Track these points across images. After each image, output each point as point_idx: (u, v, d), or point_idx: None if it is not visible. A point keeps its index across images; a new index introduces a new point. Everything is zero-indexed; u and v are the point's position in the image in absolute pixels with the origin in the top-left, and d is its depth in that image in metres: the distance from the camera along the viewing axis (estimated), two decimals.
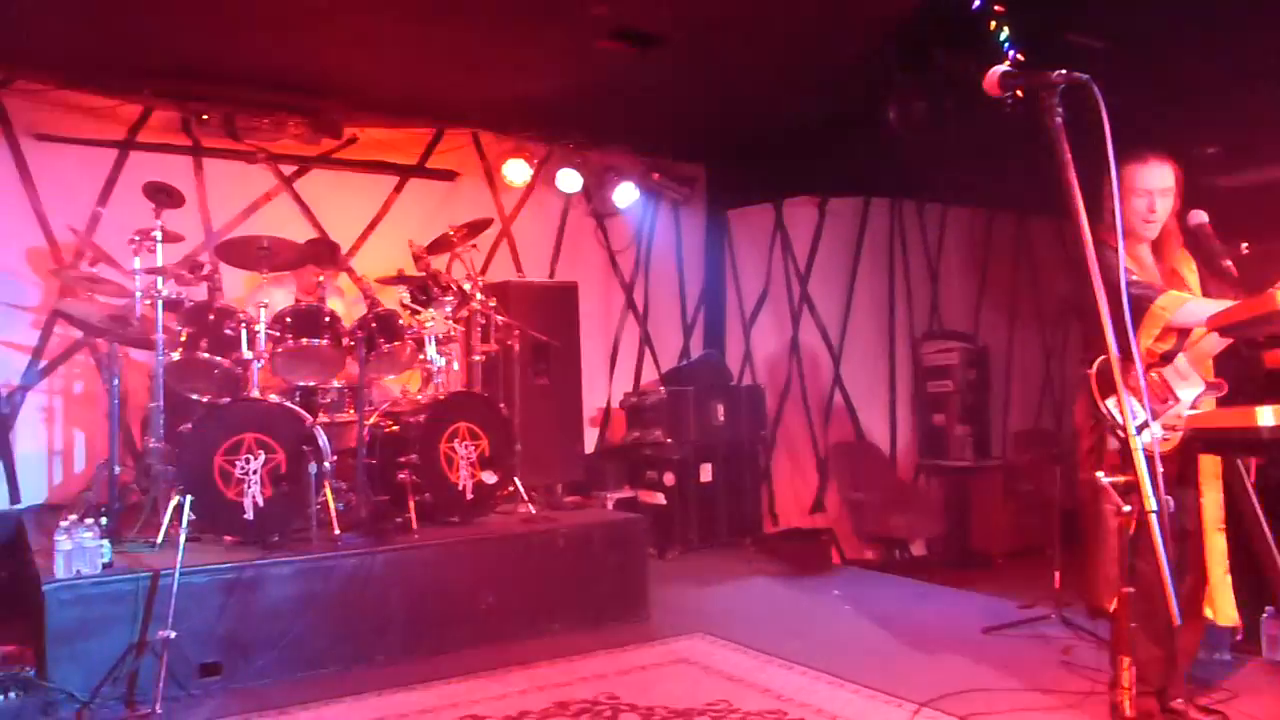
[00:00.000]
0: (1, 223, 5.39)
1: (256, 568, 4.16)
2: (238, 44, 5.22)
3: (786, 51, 5.39)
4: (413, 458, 4.78)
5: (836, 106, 6.14)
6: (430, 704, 3.89)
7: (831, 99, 6.06)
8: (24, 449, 5.55)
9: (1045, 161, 2.04)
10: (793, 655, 4.38)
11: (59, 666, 3.78)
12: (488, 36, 5.17)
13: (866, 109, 5.73)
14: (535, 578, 4.82)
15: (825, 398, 7.18)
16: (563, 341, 6.26)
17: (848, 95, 5.89)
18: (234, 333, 4.69)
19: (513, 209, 7.09)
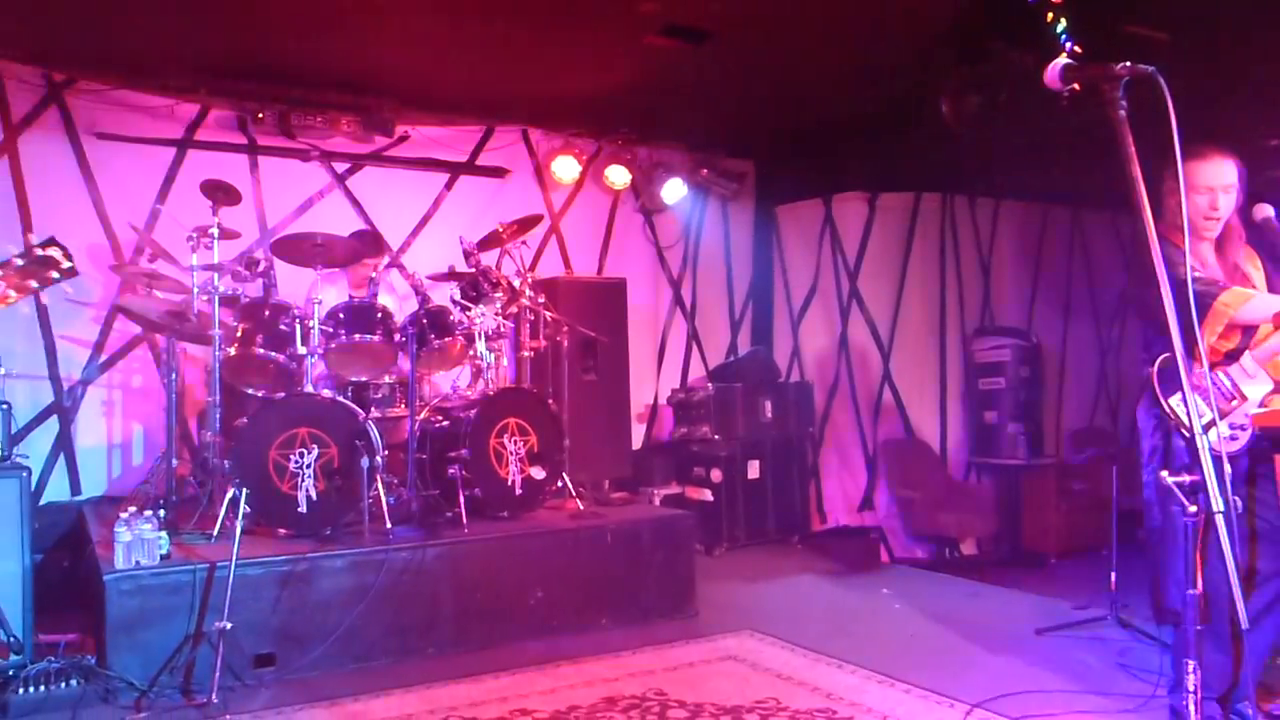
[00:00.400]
0: (64, 220, 5.50)
1: (310, 560, 4.22)
2: (293, 43, 5.29)
3: (837, 46, 5.34)
4: (463, 453, 4.81)
5: (888, 101, 6.07)
6: (479, 697, 3.92)
7: (883, 93, 5.99)
8: (84, 442, 5.68)
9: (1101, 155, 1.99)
10: (842, 654, 4.35)
11: (119, 655, 3.87)
12: (538, 34, 5.18)
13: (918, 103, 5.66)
14: (583, 573, 4.84)
15: (874, 394, 7.10)
16: (611, 337, 6.27)
17: (899, 89, 5.82)
18: (288, 328, 4.76)
19: (562, 205, 7.11)
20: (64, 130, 5.60)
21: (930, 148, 6.28)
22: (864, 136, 6.68)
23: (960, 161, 6.56)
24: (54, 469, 5.57)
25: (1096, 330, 8.02)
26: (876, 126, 6.46)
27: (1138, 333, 3.69)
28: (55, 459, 5.57)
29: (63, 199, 5.54)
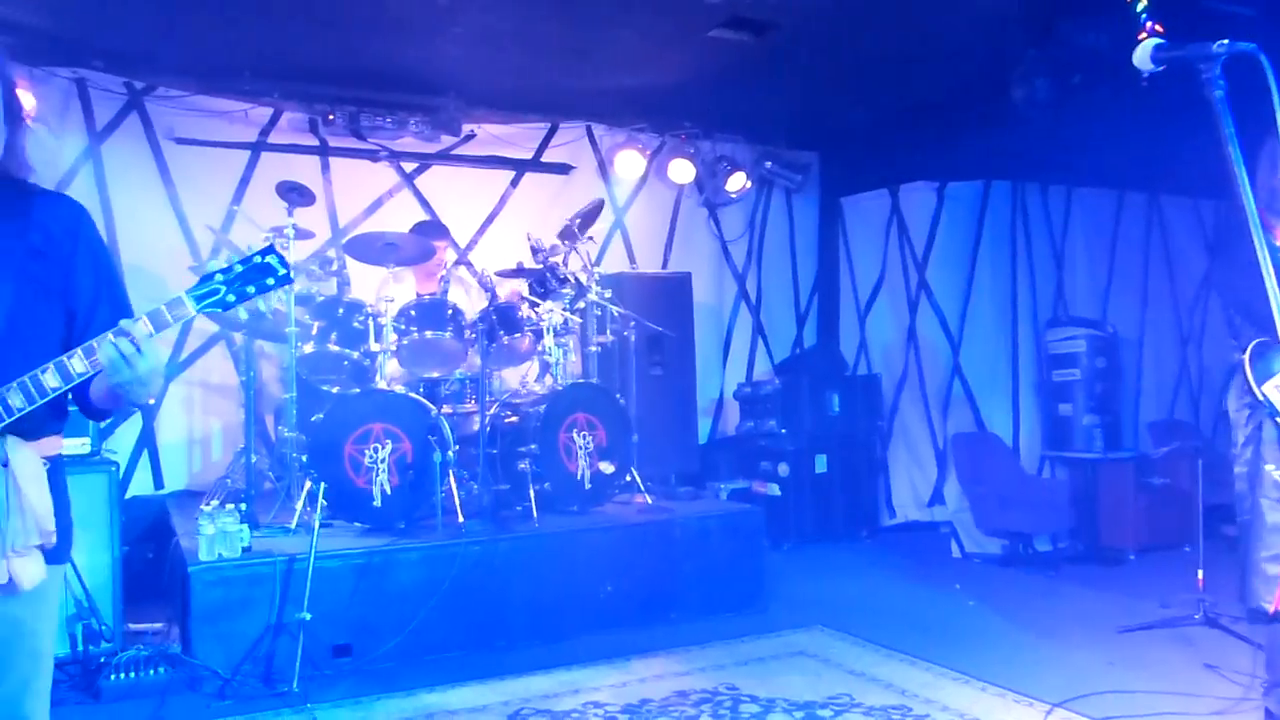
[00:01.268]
0: (145, 222, 5.67)
1: (385, 553, 4.30)
2: (362, 46, 5.37)
3: (903, 32, 5.25)
4: (532, 447, 4.86)
5: (956, 88, 5.97)
6: (552, 689, 3.95)
7: (950, 80, 5.89)
8: (166, 438, 5.85)
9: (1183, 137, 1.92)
10: (915, 650, 4.30)
11: (203, 644, 3.98)
12: (602, 30, 5.19)
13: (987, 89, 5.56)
14: (652, 567, 4.85)
15: (944, 387, 6.99)
16: (676, 332, 6.26)
17: (967, 75, 5.72)
18: (362, 326, 4.85)
19: (626, 201, 7.12)
20: (144, 136, 5.76)
21: (1000, 134, 6.16)
22: (931, 125, 6.57)
23: (1031, 148, 6.41)
24: (138, 464, 5.74)
25: (1176, 318, 7.78)
26: (944, 114, 6.35)
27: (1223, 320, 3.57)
28: (139, 454, 5.74)
29: (143, 202, 5.71)
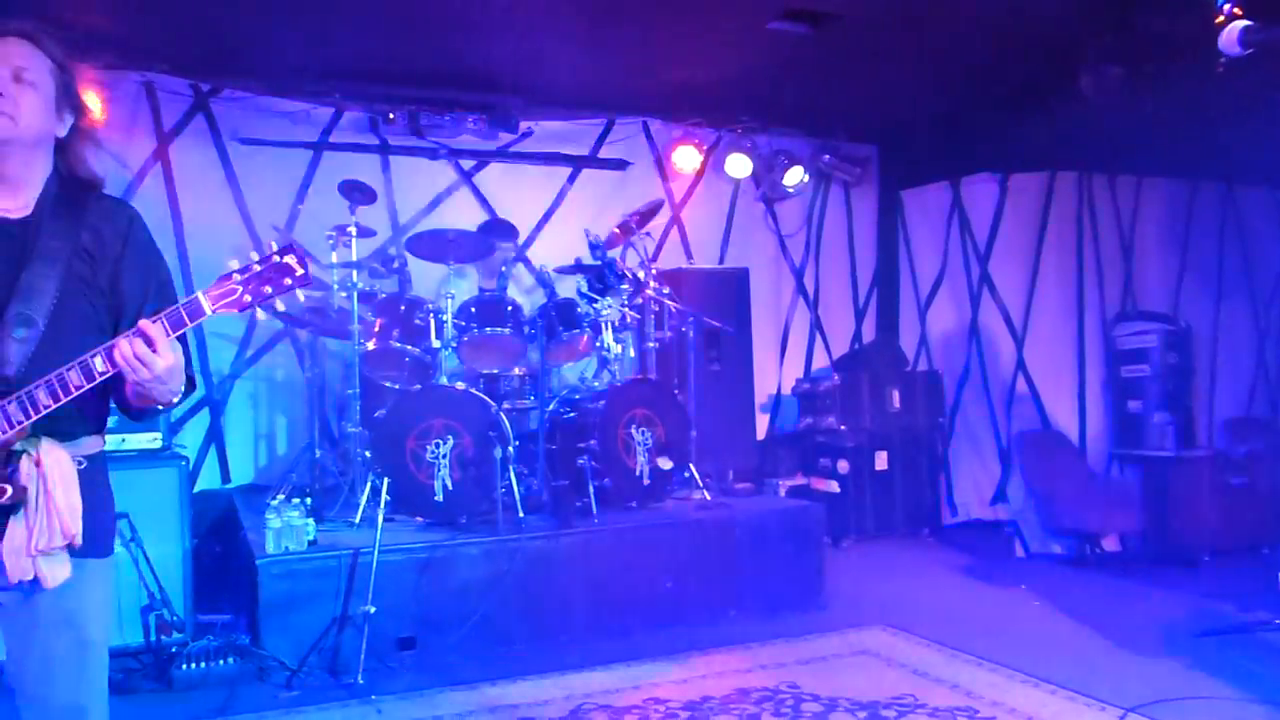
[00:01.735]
0: (211, 222, 5.78)
1: (447, 548, 4.34)
2: (422, 45, 5.42)
3: (966, 21, 5.14)
4: (592, 443, 4.86)
5: (1020, 77, 5.85)
6: (614, 685, 3.95)
7: (1015, 70, 5.77)
8: (233, 433, 5.96)
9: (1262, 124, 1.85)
10: (981, 651, 4.22)
11: (271, 636, 4.06)
12: (659, 25, 5.17)
13: (1053, 78, 5.43)
14: (712, 564, 4.83)
15: (1007, 383, 6.85)
16: (734, 328, 6.22)
17: (1032, 64, 5.60)
18: (423, 322, 4.90)
19: (682, 196, 7.10)
20: (210, 137, 5.88)
21: (1066, 124, 6.01)
22: (994, 115, 6.45)
23: (1099, 137, 6.25)
24: (206, 458, 5.86)
25: (1253, 312, 7.53)
26: (1007, 104, 6.22)
27: None
28: (207, 449, 5.87)
29: (209, 202, 5.81)
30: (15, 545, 1.84)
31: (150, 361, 1.81)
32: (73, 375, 1.83)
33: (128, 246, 2.00)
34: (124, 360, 1.81)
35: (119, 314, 1.99)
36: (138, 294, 2.00)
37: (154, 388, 1.86)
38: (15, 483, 1.84)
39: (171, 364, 1.85)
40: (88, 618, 1.99)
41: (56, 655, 1.94)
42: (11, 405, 1.82)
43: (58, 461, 1.87)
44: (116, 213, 2.03)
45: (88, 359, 1.83)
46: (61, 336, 1.88)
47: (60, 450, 1.89)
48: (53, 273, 1.89)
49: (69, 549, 1.89)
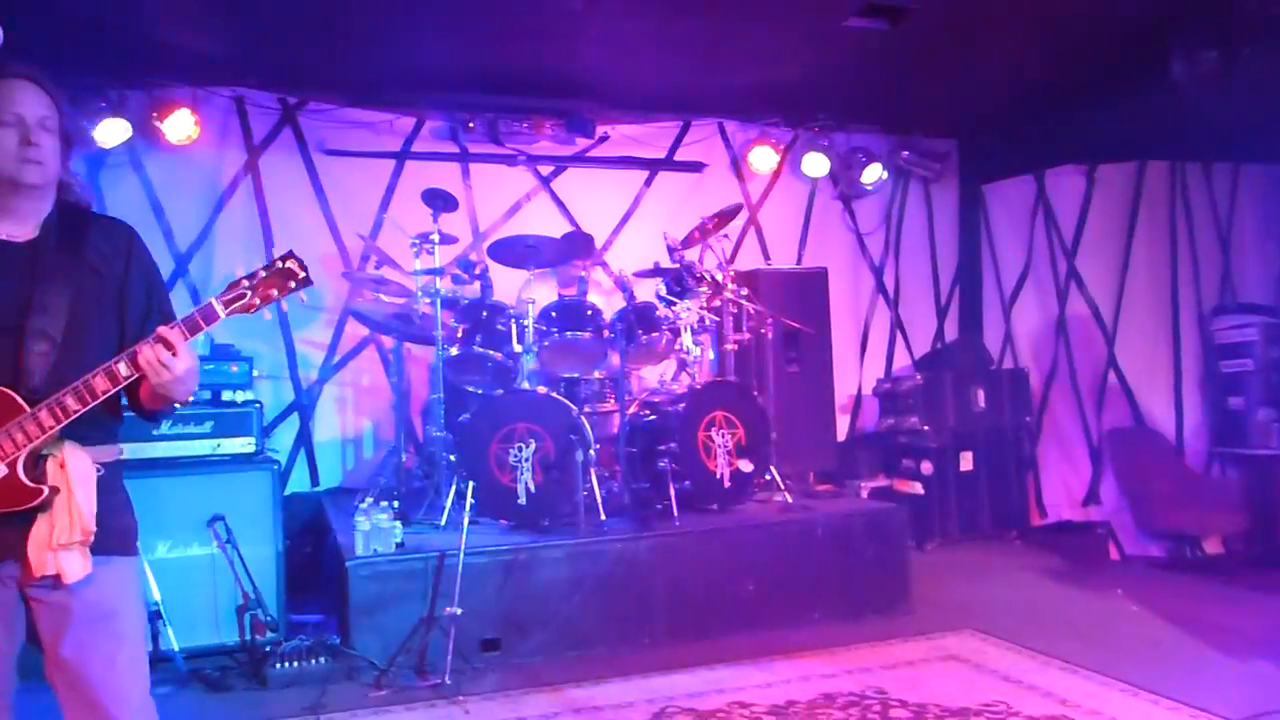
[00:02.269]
0: (299, 231, 5.93)
1: (530, 550, 4.38)
2: (500, 54, 5.49)
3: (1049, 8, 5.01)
4: (672, 446, 4.86)
5: (1106, 65, 5.67)
6: (697, 688, 3.95)
7: (1100, 58, 5.60)
8: (321, 437, 6.11)
9: None
10: (1075, 657, 4.11)
11: (360, 636, 4.15)
12: (734, 26, 5.15)
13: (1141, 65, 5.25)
14: (794, 566, 4.79)
15: (1098, 380, 6.64)
16: (813, 328, 6.16)
17: (1120, 52, 5.43)
18: (504, 328, 4.96)
19: (759, 196, 7.06)
20: (297, 149, 6.04)
21: (1156, 112, 5.82)
22: (1079, 105, 6.27)
23: (1192, 125, 6.03)
24: (295, 462, 6.02)
25: None
26: (1093, 93, 6.05)
27: None
28: (297, 453, 6.02)
29: (297, 212, 5.98)
30: (39, 541, 1.98)
31: (171, 364, 1.99)
32: (98, 381, 1.99)
33: (131, 262, 2.18)
34: (147, 364, 1.98)
35: (125, 324, 2.16)
36: (141, 304, 2.18)
37: (174, 388, 2.03)
38: (45, 484, 1.99)
39: (190, 366, 2.04)
40: (118, 612, 2.12)
41: (91, 647, 2.06)
42: (42, 412, 1.96)
43: (79, 463, 2.03)
44: (116, 231, 2.21)
45: (111, 365, 1.99)
46: (76, 348, 2.04)
47: (81, 452, 2.04)
48: (64, 289, 2.05)
49: (91, 548, 2.02)
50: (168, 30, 4.95)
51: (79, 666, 2.05)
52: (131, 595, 2.19)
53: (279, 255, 2.10)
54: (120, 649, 2.10)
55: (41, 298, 2.02)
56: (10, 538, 1.98)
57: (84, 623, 2.05)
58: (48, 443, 1.99)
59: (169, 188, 5.73)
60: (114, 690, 2.07)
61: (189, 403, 2.16)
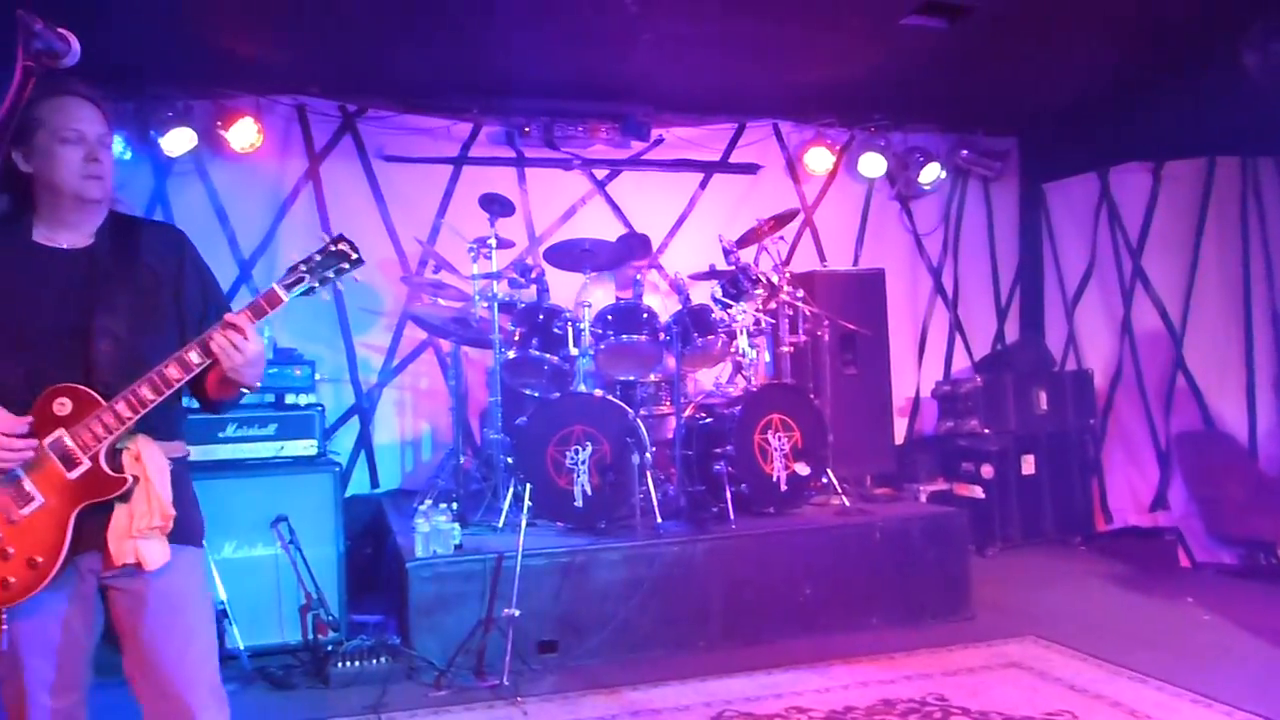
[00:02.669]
0: (359, 236, 5.83)
1: (588, 553, 4.39)
2: (556, 59, 5.53)
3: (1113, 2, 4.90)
4: (728, 449, 4.85)
5: (1173, 59, 5.53)
6: (754, 692, 3.93)
7: (1168, 51, 5.46)
8: (380, 439, 6.19)
9: None
10: (1144, 667, 4.01)
11: (420, 636, 4.19)
12: (788, 25, 5.11)
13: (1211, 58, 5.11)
14: (852, 570, 4.75)
15: (1165, 382, 6.47)
16: (870, 330, 6.10)
17: (1187, 44, 5.29)
18: (561, 331, 4.98)
19: (815, 198, 7.01)
20: (357, 155, 6.13)
21: (1227, 106, 5.65)
22: (1145, 101, 6.12)
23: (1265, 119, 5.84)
24: (355, 464, 6.11)
25: None
26: (1159, 88, 5.90)
27: None
28: (357, 455, 6.12)
29: (357, 218, 6.05)
30: (119, 529, 2.06)
31: (242, 346, 2.07)
32: (171, 370, 2.07)
33: (184, 263, 2.28)
34: (219, 348, 2.06)
35: (183, 321, 2.24)
36: (198, 301, 2.28)
37: (244, 371, 2.11)
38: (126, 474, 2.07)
39: (258, 349, 2.12)
40: (190, 601, 2.20)
41: (165, 635, 2.13)
42: (119, 403, 2.04)
43: (154, 454, 2.11)
44: (168, 235, 2.32)
45: (183, 354, 2.07)
46: (141, 345, 2.13)
47: (154, 444, 2.13)
48: (125, 290, 2.15)
49: (167, 535, 2.10)
50: (232, 41, 5.06)
51: (153, 653, 2.12)
52: (202, 585, 2.27)
53: (330, 238, 2.18)
54: (192, 636, 2.18)
55: (105, 299, 2.12)
56: (90, 528, 2.06)
57: (159, 610, 2.12)
58: (124, 434, 2.07)
59: (233, 195, 5.87)
60: (186, 676, 2.13)
61: (256, 389, 2.21)
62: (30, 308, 2.09)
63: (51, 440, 2.03)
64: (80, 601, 2.13)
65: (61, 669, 2.11)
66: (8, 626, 2.02)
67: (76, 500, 2.04)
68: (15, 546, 2.01)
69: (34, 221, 2.16)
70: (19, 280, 2.10)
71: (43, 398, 2.04)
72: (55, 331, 2.09)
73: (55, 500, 2.03)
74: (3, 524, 2.01)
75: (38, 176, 2.12)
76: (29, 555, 2.01)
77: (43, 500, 2.03)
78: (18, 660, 2.05)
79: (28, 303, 2.09)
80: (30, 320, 2.09)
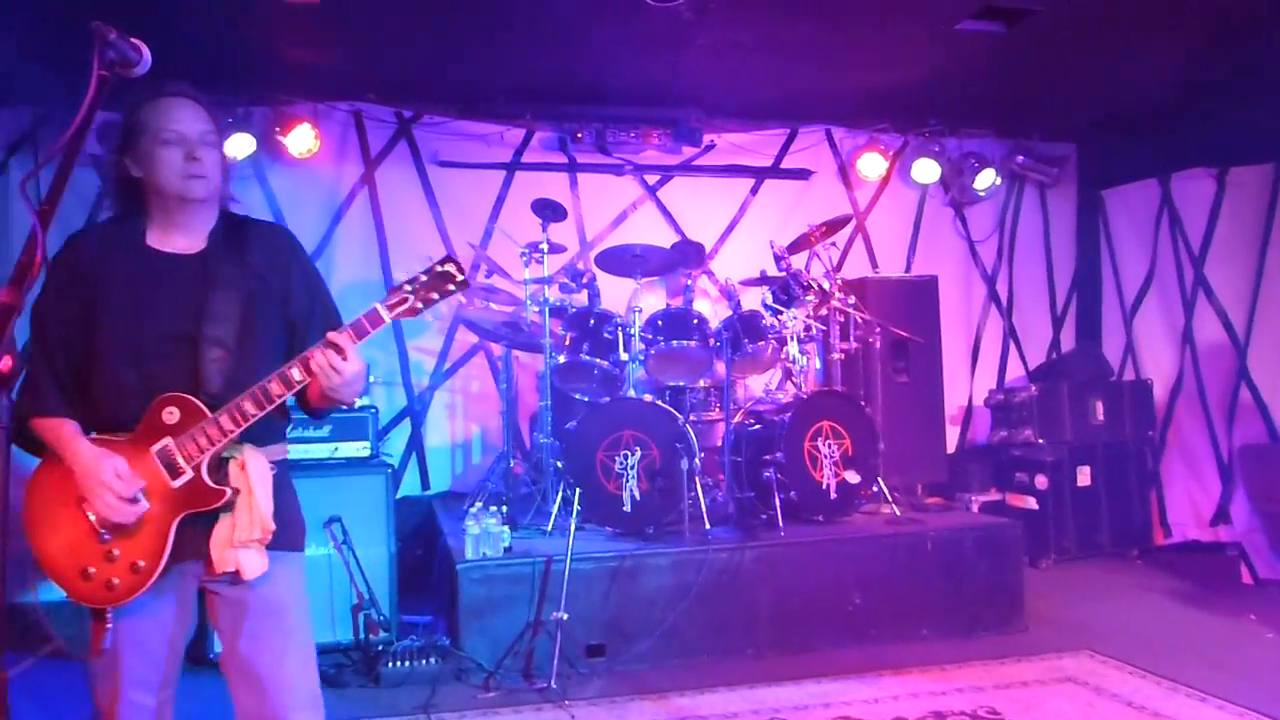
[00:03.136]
0: (413, 241, 6.10)
1: (636, 558, 4.40)
2: (609, 65, 5.55)
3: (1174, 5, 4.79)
4: (778, 456, 4.82)
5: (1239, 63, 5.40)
6: (802, 701, 3.90)
7: (1233, 54, 5.33)
8: (431, 442, 6.26)
9: None
10: (1204, 685, 3.91)
11: (469, 638, 4.23)
12: (842, 30, 5.08)
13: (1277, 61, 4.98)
14: (903, 580, 4.70)
15: (1228, 394, 6.31)
16: (923, 337, 6.03)
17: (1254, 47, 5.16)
18: (611, 336, 4.99)
19: (867, 204, 6.96)
20: (411, 161, 6.22)
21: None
22: (1209, 105, 6.00)
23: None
24: (407, 466, 6.19)
25: None
26: (1224, 93, 5.77)
27: None
28: (408, 457, 6.19)
29: (411, 222, 6.15)
30: (221, 539, 2.09)
31: (341, 368, 2.06)
32: (273, 385, 2.07)
33: (292, 265, 2.28)
34: (319, 368, 2.05)
35: (292, 326, 2.25)
36: (305, 306, 2.27)
37: (342, 390, 2.11)
38: (227, 485, 2.09)
39: (358, 369, 2.10)
40: (289, 607, 2.21)
41: (264, 641, 2.16)
42: (223, 416, 2.06)
43: (258, 464, 2.13)
44: (276, 237, 2.31)
45: (285, 370, 2.07)
46: (249, 354, 2.14)
47: (259, 454, 2.14)
48: (234, 297, 2.15)
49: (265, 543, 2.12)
50: (290, 48, 5.16)
51: (251, 658, 2.15)
52: (301, 590, 2.28)
53: (437, 260, 2.14)
54: (290, 642, 2.19)
55: (215, 306, 2.12)
56: (194, 537, 2.09)
57: (258, 617, 2.15)
58: (228, 445, 2.10)
59: (290, 199, 5.98)
60: (282, 682, 2.16)
61: (354, 406, 2.24)
62: (146, 314, 2.11)
63: (159, 448, 2.06)
64: (180, 604, 2.17)
65: (156, 668, 2.14)
66: (112, 625, 2.06)
67: (178, 509, 2.07)
68: (121, 550, 2.06)
69: (147, 226, 2.18)
70: (136, 287, 2.12)
71: (153, 405, 2.07)
72: (167, 339, 2.11)
73: (159, 507, 2.07)
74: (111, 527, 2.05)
75: (145, 180, 2.14)
76: (132, 560, 2.05)
77: (147, 506, 2.06)
78: (117, 658, 2.09)
79: (143, 309, 2.11)
80: (146, 328, 2.11)
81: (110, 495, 2.00)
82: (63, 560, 2.06)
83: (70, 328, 2.11)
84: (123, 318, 2.10)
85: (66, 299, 2.12)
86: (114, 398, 2.09)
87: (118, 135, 2.17)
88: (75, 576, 2.05)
